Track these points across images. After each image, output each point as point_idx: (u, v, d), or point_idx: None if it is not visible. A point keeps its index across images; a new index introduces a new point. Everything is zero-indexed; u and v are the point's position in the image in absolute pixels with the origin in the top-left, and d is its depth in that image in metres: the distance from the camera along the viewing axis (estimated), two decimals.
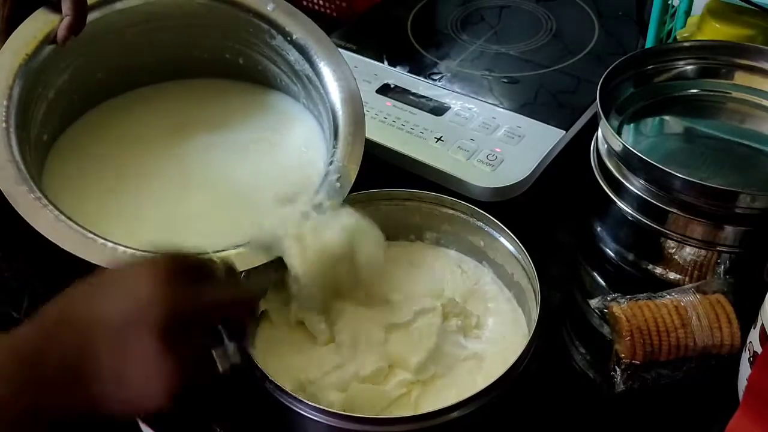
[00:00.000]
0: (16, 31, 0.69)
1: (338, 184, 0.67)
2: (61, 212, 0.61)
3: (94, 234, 0.61)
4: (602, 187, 0.72)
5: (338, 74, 0.75)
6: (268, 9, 0.78)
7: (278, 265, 0.63)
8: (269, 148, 0.79)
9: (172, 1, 0.78)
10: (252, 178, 0.75)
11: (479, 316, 0.67)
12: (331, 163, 0.69)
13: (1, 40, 0.69)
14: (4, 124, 0.65)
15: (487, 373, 0.62)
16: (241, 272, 0.60)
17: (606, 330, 0.68)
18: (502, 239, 0.67)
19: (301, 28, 0.77)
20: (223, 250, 0.62)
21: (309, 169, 0.74)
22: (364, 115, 0.73)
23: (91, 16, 0.71)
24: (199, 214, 0.72)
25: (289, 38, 0.77)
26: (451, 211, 0.70)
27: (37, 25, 0.69)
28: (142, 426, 0.70)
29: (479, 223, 0.69)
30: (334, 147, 0.70)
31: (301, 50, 0.77)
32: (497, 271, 0.70)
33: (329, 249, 0.63)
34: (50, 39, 0.69)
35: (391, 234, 0.73)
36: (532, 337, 0.59)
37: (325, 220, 0.64)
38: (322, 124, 0.79)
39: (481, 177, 0.76)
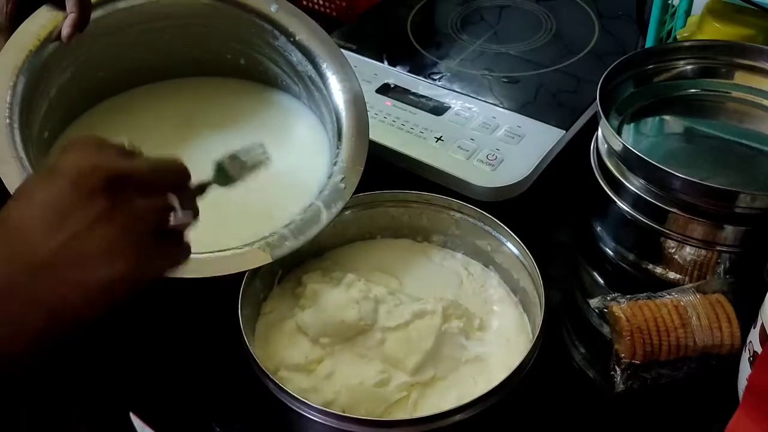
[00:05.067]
0: (19, 28, 0.69)
1: (342, 185, 0.68)
2: None
3: None
4: (602, 187, 0.72)
5: (342, 75, 0.75)
6: (271, 10, 0.78)
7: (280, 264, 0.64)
8: (271, 146, 0.79)
9: (174, 1, 0.78)
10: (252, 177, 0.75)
11: (482, 318, 0.67)
12: (335, 163, 0.69)
13: (4, 37, 0.69)
14: (7, 120, 0.65)
15: (488, 376, 0.62)
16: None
17: (606, 330, 0.68)
18: (508, 244, 0.67)
19: (304, 29, 0.77)
20: (224, 250, 0.62)
21: (311, 169, 0.74)
22: (368, 117, 0.73)
23: (94, 15, 0.71)
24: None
25: (292, 39, 0.77)
26: (459, 215, 0.70)
27: (40, 22, 0.69)
28: (139, 425, 0.70)
29: (487, 228, 0.69)
30: (338, 147, 0.71)
31: (304, 51, 0.77)
32: (503, 275, 0.70)
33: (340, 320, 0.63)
34: (54, 36, 0.69)
35: (399, 236, 0.74)
36: (534, 342, 0.59)
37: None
38: (324, 124, 0.79)
39: (481, 177, 0.76)
